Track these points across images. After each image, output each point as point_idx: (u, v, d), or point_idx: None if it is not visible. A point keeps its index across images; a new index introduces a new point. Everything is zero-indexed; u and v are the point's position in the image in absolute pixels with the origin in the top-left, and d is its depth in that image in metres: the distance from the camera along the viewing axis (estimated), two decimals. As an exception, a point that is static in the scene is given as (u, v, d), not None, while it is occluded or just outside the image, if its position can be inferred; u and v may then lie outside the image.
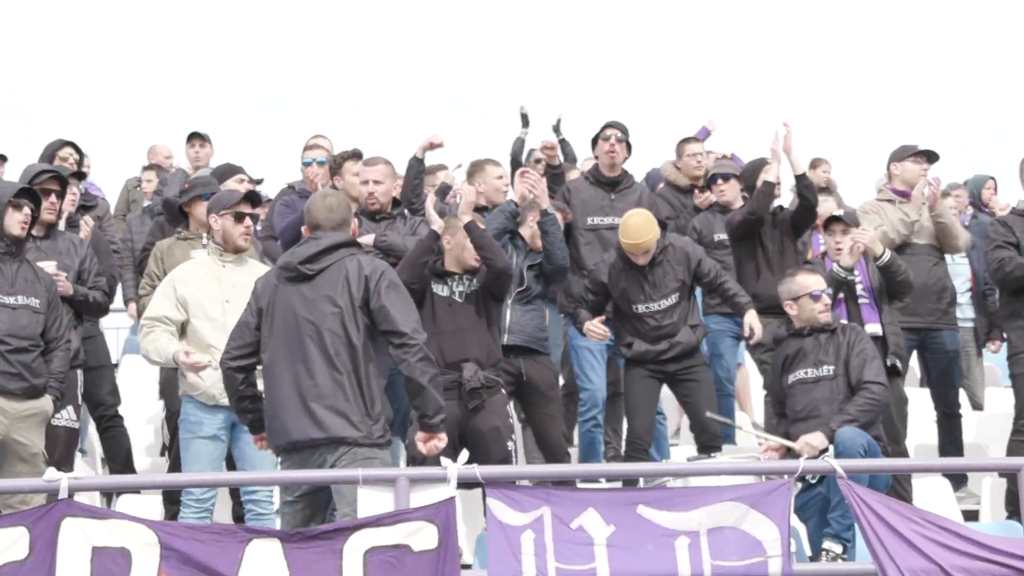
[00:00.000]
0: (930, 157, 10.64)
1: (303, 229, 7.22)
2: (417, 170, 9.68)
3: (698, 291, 9.73)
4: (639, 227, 9.01)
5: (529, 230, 9.33)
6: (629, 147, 10.30)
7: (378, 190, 9.00)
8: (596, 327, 9.08)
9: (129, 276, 11.83)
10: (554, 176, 10.56)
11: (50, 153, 10.25)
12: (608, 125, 10.29)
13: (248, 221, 8.31)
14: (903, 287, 9.67)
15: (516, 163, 11.82)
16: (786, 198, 11.09)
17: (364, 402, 6.76)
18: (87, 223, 10.21)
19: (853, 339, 8.56)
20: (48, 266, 8.59)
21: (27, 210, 8.25)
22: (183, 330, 8.27)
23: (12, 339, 8.06)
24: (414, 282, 8.20)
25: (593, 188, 10.15)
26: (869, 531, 6.45)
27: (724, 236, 10.45)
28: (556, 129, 12.21)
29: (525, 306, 9.19)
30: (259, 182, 11.51)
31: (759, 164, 10.34)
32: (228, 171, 10.24)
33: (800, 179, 10.10)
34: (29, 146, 10.61)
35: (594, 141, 10.30)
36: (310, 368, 6.78)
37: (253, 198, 8.51)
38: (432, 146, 9.72)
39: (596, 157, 10.28)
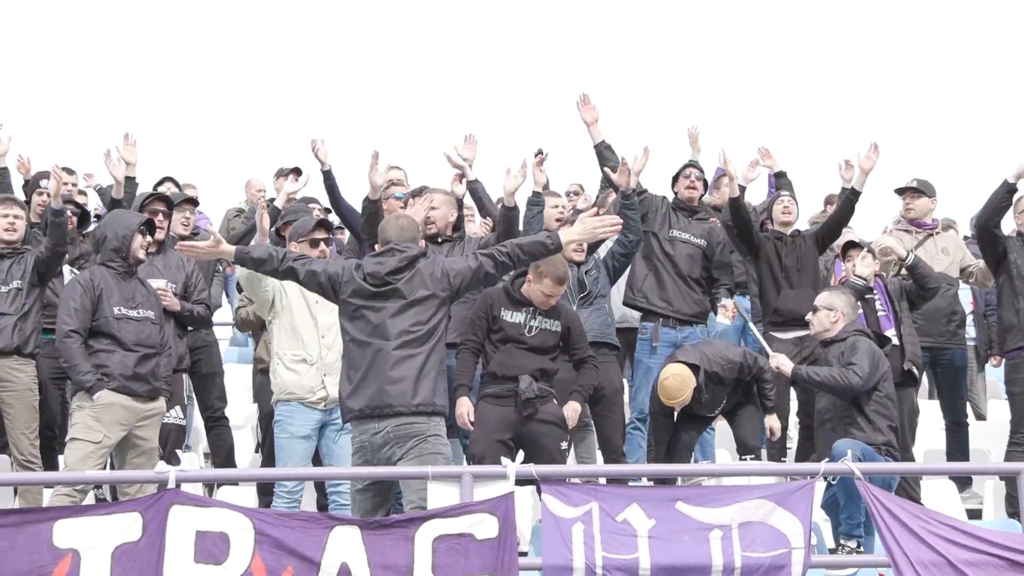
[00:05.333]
0: (914, 191, 10.62)
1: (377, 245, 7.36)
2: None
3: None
4: (673, 388, 8.90)
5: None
6: (705, 184, 10.35)
7: (435, 215, 8.98)
8: None
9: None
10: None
11: (155, 186, 10.47)
12: (688, 164, 10.33)
13: (323, 246, 8.42)
14: (929, 283, 9.58)
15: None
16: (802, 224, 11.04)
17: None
18: None
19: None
20: (157, 283, 8.71)
21: (148, 237, 8.40)
22: (272, 328, 8.41)
23: (139, 347, 8.16)
24: None
25: (675, 211, 10.11)
26: (883, 527, 6.42)
27: None
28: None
29: (588, 308, 9.21)
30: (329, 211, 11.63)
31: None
32: (306, 201, 10.47)
33: (857, 196, 10.05)
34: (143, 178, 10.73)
35: (675, 178, 10.30)
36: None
37: (326, 225, 8.61)
38: (460, 174, 9.62)
39: (676, 192, 10.26)
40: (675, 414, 9.20)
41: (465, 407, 8.16)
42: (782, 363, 8.61)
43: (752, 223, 10.17)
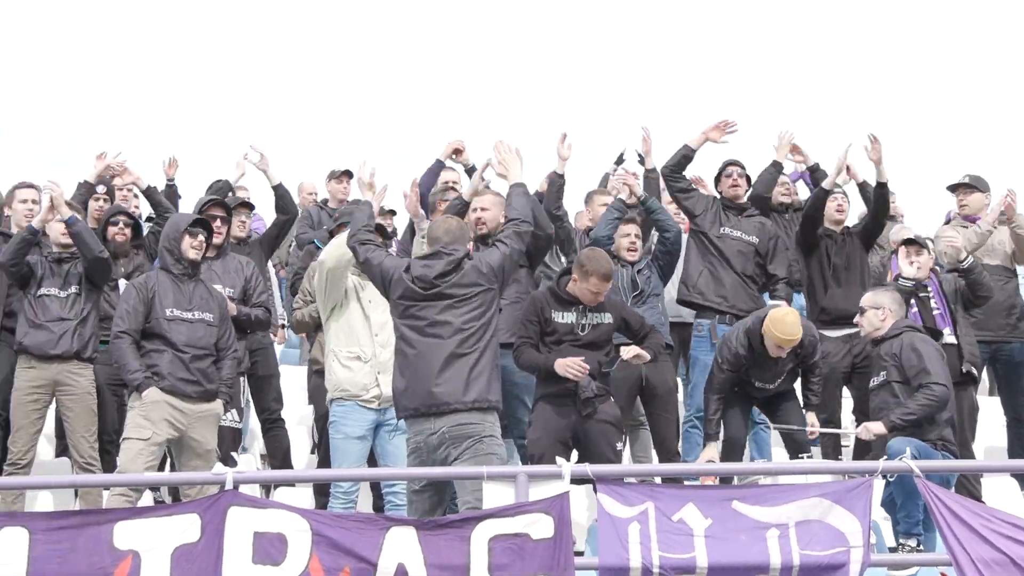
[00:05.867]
0: (967, 187, 10.52)
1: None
2: (437, 171, 9.68)
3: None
4: (793, 325, 8.76)
5: (622, 241, 9.39)
6: (748, 180, 10.31)
7: (485, 216, 8.99)
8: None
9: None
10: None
11: (216, 189, 10.55)
12: (730, 163, 10.29)
13: None
14: (981, 291, 9.50)
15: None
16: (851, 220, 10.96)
17: None
18: None
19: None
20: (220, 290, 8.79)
21: (200, 237, 8.46)
22: (327, 327, 8.46)
23: (190, 348, 8.24)
24: None
25: (724, 210, 10.11)
26: (943, 525, 6.35)
27: None
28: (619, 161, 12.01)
29: (642, 306, 9.21)
30: (392, 213, 11.69)
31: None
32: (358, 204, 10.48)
33: (884, 187, 9.98)
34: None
35: (717, 178, 10.28)
36: None
37: (382, 230, 8.65)
38: (456, 152, 9.72)
39: (720, 191, 10.25)
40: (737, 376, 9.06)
41: (564, 361, 8.01)
42: (874, 429, 8.38)
43: (819, 220, 10.11)
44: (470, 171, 9.63)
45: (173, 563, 6.06)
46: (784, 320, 8.76)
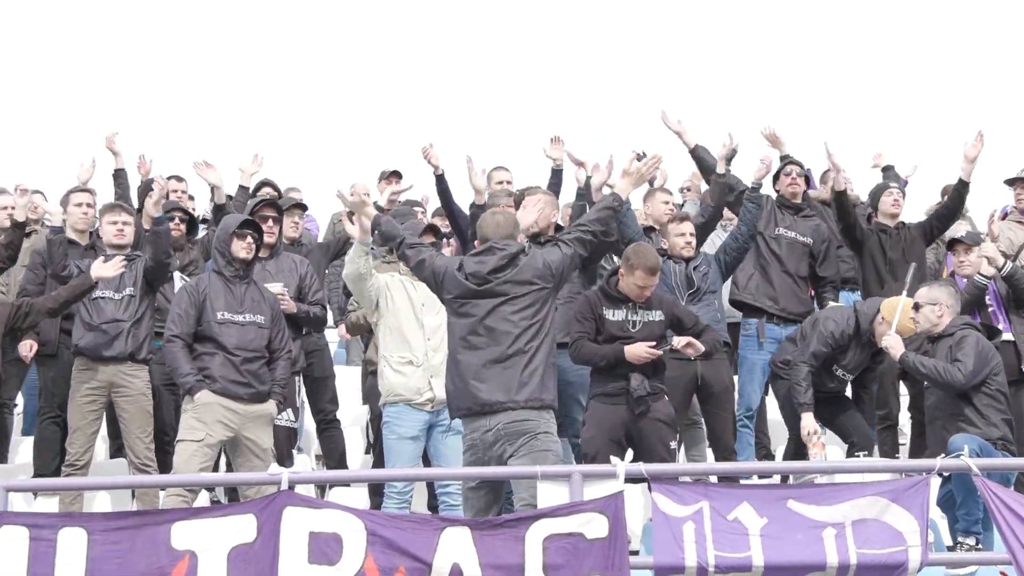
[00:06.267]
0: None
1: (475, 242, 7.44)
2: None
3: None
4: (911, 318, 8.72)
5: (677, 239, 9.36)
6: (807, 179, 10.28)
7: (539, 217, 8.99)
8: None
9: (335, 299, 12.10)
10: None
11: (253, 191, 10.61)
12: (789, 162, 10.26)
13: None
14: None
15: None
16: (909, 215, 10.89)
17: None
18: None
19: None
20: (275, 287, 8.82)
21: (249, 239, 8.50)
22: (378, 331, 8.48)
23: (240, 351, 8.29)
24: None
25: (780, 209, 10.11)
26: (1003, 523, 6.28)
27: None
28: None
29: (697, 304, 9.19)
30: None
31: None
32: (411, 204, 10.56)
33: (966, 186, 9.94)
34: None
35: (776, 176, 10.25)
36: None
37: (434, 230, 8.65)
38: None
39: (778, 190, 10.22)
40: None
41: (634, 347, 8.06)
42: (892, 344, 8.47)
43: (856, 217, 10.06)
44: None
45: (230, 563, 6.10)
46: (906, 310, 8.69)
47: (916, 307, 8.63)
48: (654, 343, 8.12)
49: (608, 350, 8.11)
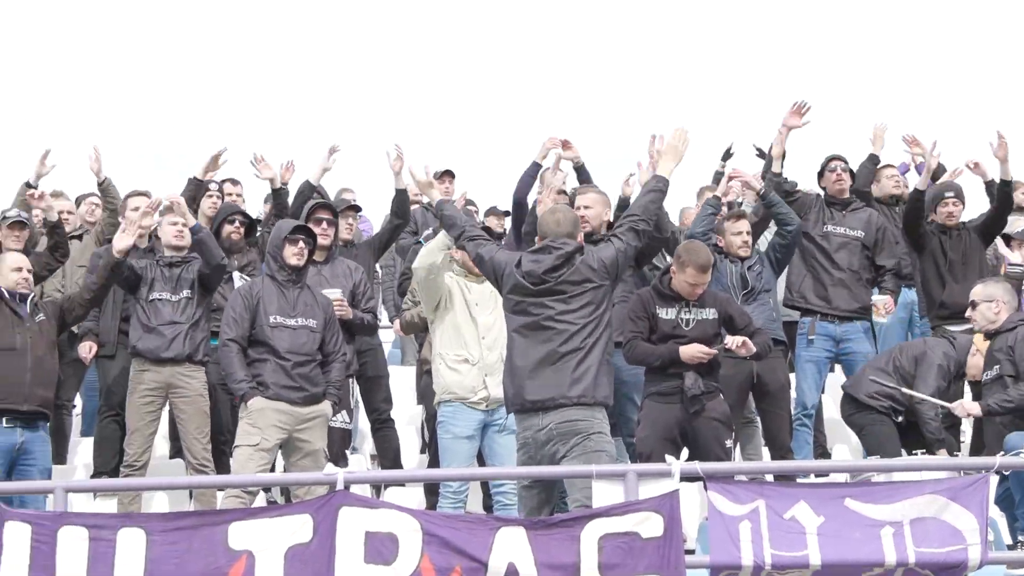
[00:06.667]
0: None
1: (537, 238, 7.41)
2: (534, 174, 9.38)
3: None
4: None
5: (733, 238, 9.31)
6: (852, 174, 10.22)
7: (588, 214, 8.93)
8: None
9: (389, 298, 12.14)
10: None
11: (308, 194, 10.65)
12: (833, 158, 10.22)
13: None
14: None
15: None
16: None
17: None
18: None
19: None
20: (333, 293, 8.86)
21: (301, 244, 8.54)
22: (434, 329, 8.50)
23: (291, 355, 8.33)
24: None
25: (828, 206, 10.06)
26: (1063, 522, 6.23)
27: None
28: (726, 156, 11.75)
29: (752, 303, 9.16)
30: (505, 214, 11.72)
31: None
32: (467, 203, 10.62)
33: (1009, 184, 9.87)
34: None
35: (820, 173, 10.21)
36: None
37: (488, 232, 8.66)
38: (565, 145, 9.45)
39: (824, 187, 10.18)
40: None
41: (689, 348, 8.06)
42: (970, 410, 8.37)
43: (924, 219, 9.99)
44: (579, 168, 9.61)
45: (286, 563, 6.14)
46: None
47: (972, 305, 8.56)
48: (708, 343, 8.10)
49: (663, 350, 8.10)
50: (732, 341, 8.14)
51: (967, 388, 9.89)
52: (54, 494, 6.59)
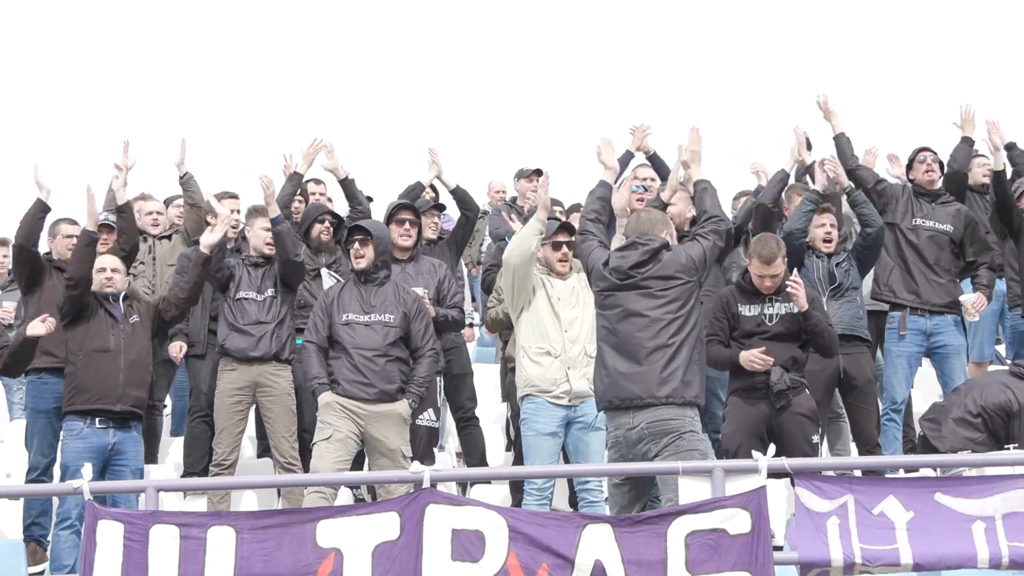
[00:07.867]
0: None
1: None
2: (626, 162, 9.64)
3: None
4: None
5: (817, 231, 9.24)
6: (942, 166, 10.10)
7: (673, 211, 8.87)
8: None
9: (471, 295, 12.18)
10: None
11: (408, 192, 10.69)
12: (922, 149, 10.12)
13: (564, 248, 8.49)
14: None
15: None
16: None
17: None
18: None
19: None
20: (416, 291, 8.91)
21: (357, 245, 8.54)
22: (518, 323, 8.53)
23: (360, 351, 8.35)
24: None
25: (917, 198, 9.94)
26: None
27: None
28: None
29: (839, 300, 9.09)
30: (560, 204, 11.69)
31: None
32: (553, 203, 10.57)
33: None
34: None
35: (909, 164, 10.12)
36: None
37: (569, 229, 8.66)
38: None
39: (912, 179, 10.07)
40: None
41: (747, 354, 8.09)
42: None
43: (1013, 200, 9.83)
44: (651, 158, 9.68)
45: (374, 561, 6.18)
46: None
47: None
48: (795, 338, 8.03)
49: (728, 355, 8.16)
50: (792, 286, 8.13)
51: None
52: (146, 493, 6.68)
